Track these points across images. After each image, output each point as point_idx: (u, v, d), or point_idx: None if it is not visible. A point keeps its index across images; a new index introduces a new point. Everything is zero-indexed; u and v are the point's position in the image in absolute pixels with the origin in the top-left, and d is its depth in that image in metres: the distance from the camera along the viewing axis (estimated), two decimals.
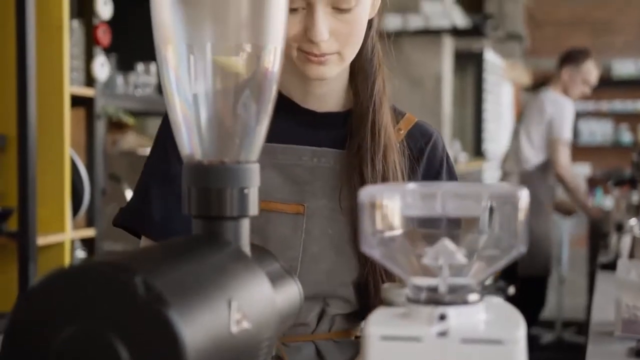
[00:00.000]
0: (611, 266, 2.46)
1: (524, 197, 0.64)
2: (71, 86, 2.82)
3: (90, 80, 2.97)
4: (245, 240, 0.70)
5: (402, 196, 0.66)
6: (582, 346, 1.86)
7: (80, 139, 2.98)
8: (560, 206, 4.80)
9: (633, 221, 2.72)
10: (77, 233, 2.91)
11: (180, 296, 0.55)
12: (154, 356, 0.53)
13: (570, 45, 5.10)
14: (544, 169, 4.36)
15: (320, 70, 1.17)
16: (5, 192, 2.70)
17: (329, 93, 1.26)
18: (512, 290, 3.96)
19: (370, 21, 1.23)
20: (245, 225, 0.70)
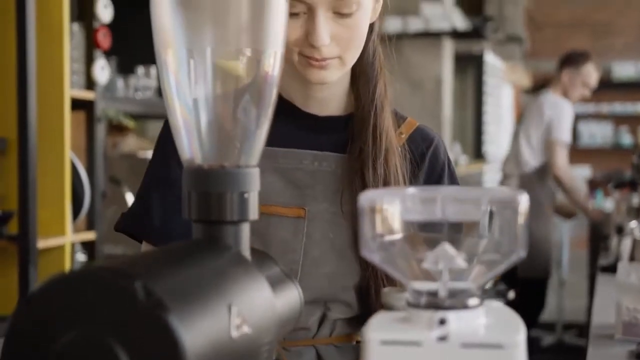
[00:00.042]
0: (611, 269, 2.46)
1: (523, 201, 0.64)
2: (71, 89, 2.82)
3: (90, 84, 2.98)
4: (245, 244, 0.70)
5: (402, 200, 0.66)
6: (582, 349, 1.86)
7: (80, 142, 2.98)
8: (561, 209, 4.80)
9: (633, 224, 2.72)
10: (78, 236, 2.91)
11: (181, 301, 0.55)
12: None
13: (570, 48, 5.10)
14: (543, 172, 4.36)
15: (322, 75, 1.17)
16: (6, 195, 2.70)
17: (330, 97, 1.26)
18: (512, 294, 3.96)
19: (372, 25, 1.23)
20: (246, 230, 0.70)
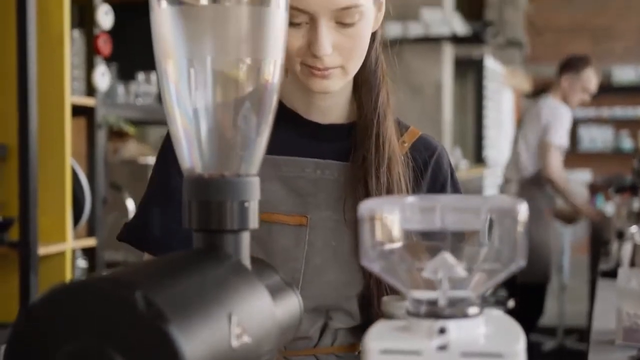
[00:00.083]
0: (612, 274, 2.46)
1: (523, 210, 0.64)
2: (72, 96, 2.82)
3: (91, 90, 2.98)
4: (245, 253, 0.70)
5: (401, 209, 0.66)
6: (583, 353, 1.85)
7: (81, 148, 2.98)
8: (561, 214, 4.80)
9: (634, 229, 2.72)
10: (78, 242, 2.91)
11: (181, 311, 0.55)
12: None
13: (570, 52, 5.10)
14: (542, 177, 4.35)
15: (324, 84, 1.17)
16: (7, 201, 2.70)
17: (332, 105, 1.26)
18: (511, 303, 3.96)
19: (374, 34, 1.23)
20: (246, 238, 0.70)
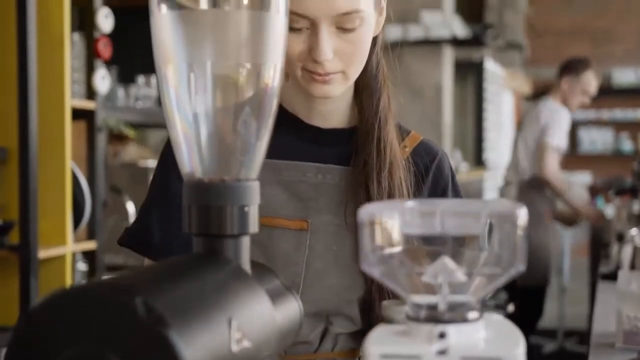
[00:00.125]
0: (612, 276, 2.46)
1: (522, 214, 0.64)
2: (72, 99, 2.82)
3: (91, 93, 2.98)
4: (245, 257, 0.70)
5: (401, 214, 0.66)
6: (584, 356, 1.86)
7: (81, 151, 2.98)
8: (562, 216, 4.80)
9: (634, 231, 2.72)
10: (78, 246, 2.91)
11: (181, 317, 0.55)
12: None
13: (570, 55, 5.11)
14: (540, 178, 4.35)
15: (325, 89, 1.17)
16: (7, 205, 2.70)
17: (333, 110, 1.26)
18: (511, 307, 3.96)
19: (375, 38, 1.23)
20: (246, 243, 0.70)
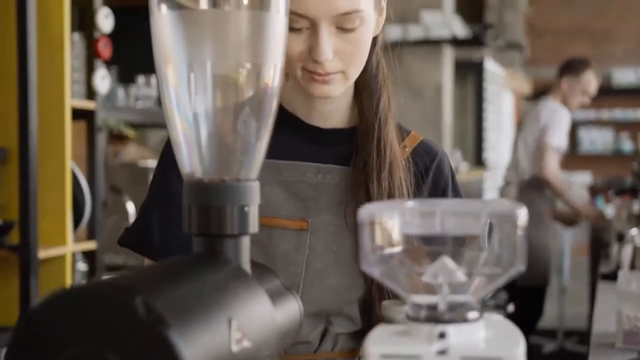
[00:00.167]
0: (612, 276, 2.46)
1: (522, 215, 0.64)
2: (72, 99, 2.82)
3: (91, 93, 2.98)
4: (245, 257, 0.70)
5: (401, 214, 0.66)
6: (584, 356, 1.86)
7: (81, 151, 2.98)
8: (562, 216, 4.79)
9: (634, 231, 2.72)
10: (78, 246, 2.91)
11: (181, 317, 0.55)
12: None
13: (570, 55, 5.11)
14: (540, 178, 4.35)
15: (325, 89, 1.17)
16: (7, 205, 2.70)
17: (333, 110, 1.26)
18: (511, 307, 3.96)
19: (375, 38, 1.23)
20: (246, 243, 0.70)
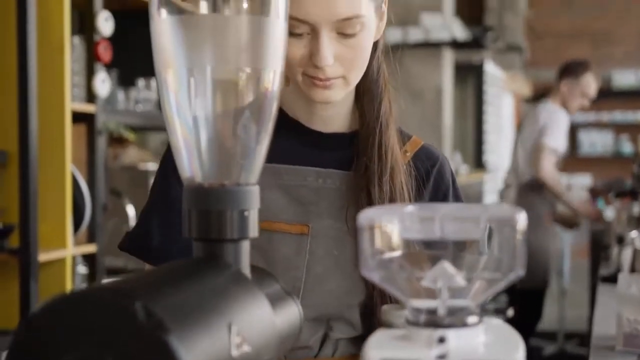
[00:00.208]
0: (612, 279, 2.46)
1: (522, 219, 0.64)
2: (72, 102, 2.82)
3: (91, 96, 2.98)
4: (245, 262, 0.70)
5: (400, 219, 0.66)
6: (584, 358, 1.86)
7: (81, 155, 2.98)
8: (562, 219, 4.79)
9: (634, 234, 2.72)
10: (79, 249, 2.91)
11: (181, 321, 0.55)
12: None
13: (570, 57, 5.11)
14: (538, 180, 4.34)
15: (326, 94, 1.17)
16: (7, 208, 2.70)
17: (334, 115, 1.26)
18: (511, 312, 3.97)
19: (376, 43, 1.23)
20: (246, 247, 0.70)
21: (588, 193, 5.68)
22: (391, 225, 0.66)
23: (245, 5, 0.68)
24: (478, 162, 7.15)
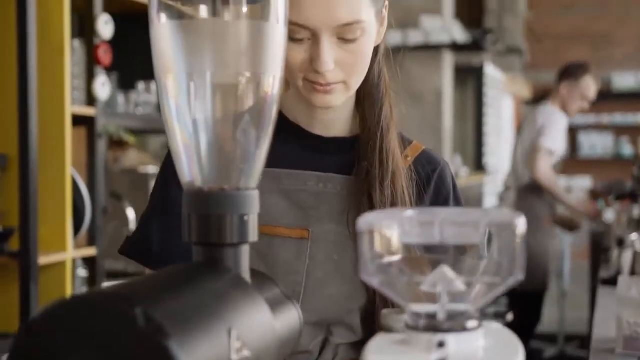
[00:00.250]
0: (612, 281, 2.45)
1: (521, 223, 0.64)
2: (72, 105, 2.83)
3: (91, 100, 2.98)
4: (245, 266, 0.70)
5: (400, 223, 0.66)
6: None
7: (81, 158, 2.98)
8: (562, 221, 4.79)
9: (634, 236, 2.72)
10: (79, 252, 2.91)
11: (181, 326, 0.55)
12: None
13: (570, 59, 5.11)
14: (536, 181, 4.34)
15: (326, 99, 1.17)
16: (7, 211, 2.70)
17: (335, 119, 1.26)
18: (510, 316, 3.96)
19: (377, 47, 1.23)
20: (245, 252, 0.70)
21: (588, 195, 5.68)
22: (391, 230, 0.66)
23: (245, 10, 0.69)
24: (478, 165, 7.16)
